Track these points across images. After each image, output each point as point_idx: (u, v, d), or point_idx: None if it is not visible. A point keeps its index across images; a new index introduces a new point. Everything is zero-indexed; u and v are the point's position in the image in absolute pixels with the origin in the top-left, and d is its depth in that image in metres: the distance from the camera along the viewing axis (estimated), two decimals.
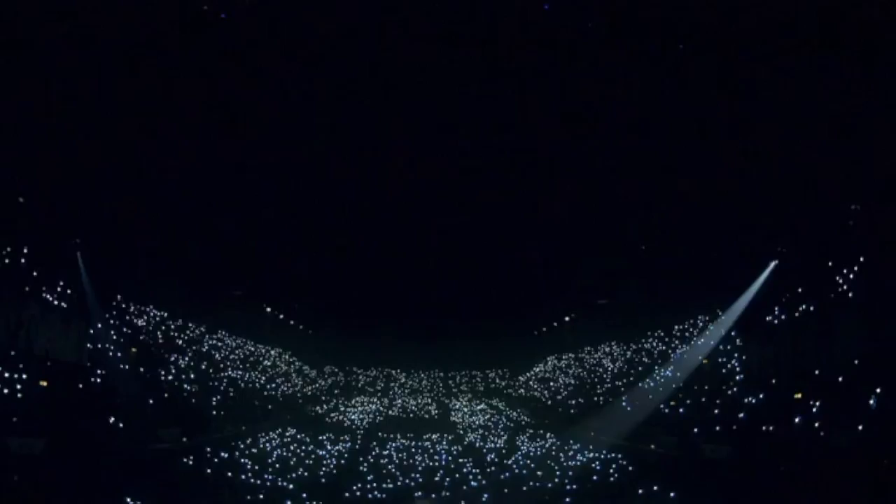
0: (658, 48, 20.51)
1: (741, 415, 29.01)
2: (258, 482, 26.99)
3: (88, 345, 33.42)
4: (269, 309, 61.95)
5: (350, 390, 77.23)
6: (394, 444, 42.73)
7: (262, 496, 24.61)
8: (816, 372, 26.06)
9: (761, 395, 29.36)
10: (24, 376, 25.44)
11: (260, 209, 38.32)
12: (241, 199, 36.02)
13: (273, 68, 23.22)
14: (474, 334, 72.08)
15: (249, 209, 37.87)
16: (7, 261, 28.51)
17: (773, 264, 33.11)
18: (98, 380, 31.87)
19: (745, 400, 30.07)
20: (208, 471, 27.25)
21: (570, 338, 65.34)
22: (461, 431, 52.04)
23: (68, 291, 32.38)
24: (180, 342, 47.45)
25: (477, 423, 57.86)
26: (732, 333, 36.11)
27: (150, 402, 33.73)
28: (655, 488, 24.21)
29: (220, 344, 55.61)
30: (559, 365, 69.15)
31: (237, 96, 25.30)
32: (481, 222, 44.00)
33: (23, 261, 29.39)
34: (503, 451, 39.66)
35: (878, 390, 20.34)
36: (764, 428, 25.73)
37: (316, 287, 57.28)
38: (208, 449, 31.02)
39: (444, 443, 44.70)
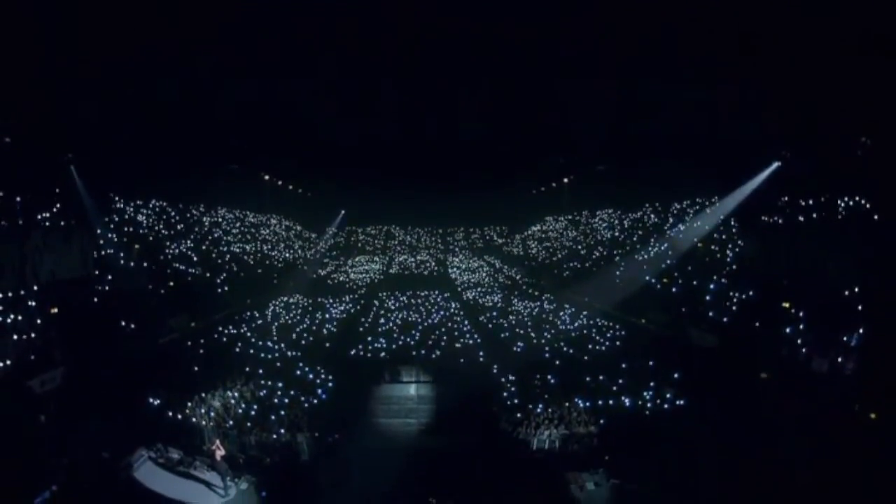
0: None
1: (732, 307, 29.82)
2: (265, 354, 28.53)
3: (94, 253, 33.45)
4: (266, 176, 61.13)
5: (350, 250, 78.44)
6: (394, 304, 44.45)
7: (269, 367, 26.23)
8: (813, 289, 26.27)
9: (751, 293, 29.91)
10: (33, 304, 25.78)
11: (247, 72, 36.37)
12: (226, 65, 34.03)
13: None
14: (473, 191, 71.92)
15: (236, 75, 35.92)
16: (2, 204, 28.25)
17: (775, 165, 32.52)
18: (106, 287, 32.21)
19: (736, 295, 30.67)
20: (218, 351, 28.80)
21: (568, 200, 65.25)
22: (459, 289, 53.60)
23: (66, 211, 32.04)
24: (181, 227, 47.44)
25: (474, 280, 59.18)
26: (731, 222, 36.05)
27: (159, 294, 34.57)
28: (650, 363, 25.82)
29: (220, 220, 55.60)
30: (556, 227, 69.65)
31: None
32: (482, 78, 42.22)
33: (18, 199, 28.90)
34: (499, 309, 41.51)
35: (861, 330, 20.73)
36: (750, 328, 26.57)
37: (312, 147, 56.07)
38: (217, 329, 32.32)
39: (443, 300, 46.42)
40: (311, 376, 25.35)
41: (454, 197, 73.43)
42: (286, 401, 22.28)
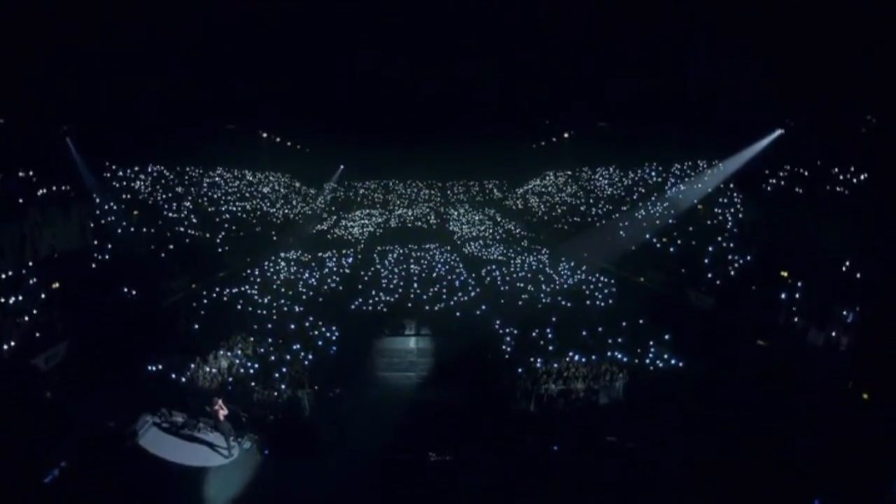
0: None
1: (731, 272, 29.80)
2: (266, 312, 28.66)
3: (92, 223, 33.33)
4: (265, 134, 60.16)
5: (350, 204, 78.13)
6: (393, 257, 44.54)
7: (270, 324, 26.39)
8: (807, 260, 26.26)
9: (749, 259, 29.84)
10: (34, 281, 25.54)
11: (240, 29, 35.49)
12: (218, 23, 33.12)
13: None
14: (473, 144, 71.03)
15: (230, 33, 35.00)
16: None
17: (777, 132, 32.14)
18: (106, 255, 32.12)
19: (734, 259, 30.64)
20: (219, 310, 28.85)
21: (568, 155, 64.57)
22: (459, 242, 53.78)
23: (64, 184, 31.85)
24: (179, 190, 47.10)
25: (474, 234, 59.22)
26: (731, 186, 35.81)
27: (159, 258, 34.49)
28: (648, 322, 25.97)
29: (218, 180, 55.09)
30: (556, 182, 69.23)
31: None
32: (482, 30, 41.44)
33: (16, 177, 28.69)
34: (499, 263, 41.68)
35: (858, 308, 20.71)
36: (747, 293, 26.54)
37: (310, 103, 55.17)
38: (218, 288, 32.34)
39: (443, 253, 46.56)
40: (311, 331, 25.48)
41: (453, 150, 72.45)
42: (287, 357, 22.44)
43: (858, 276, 22.82)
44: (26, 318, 22.69)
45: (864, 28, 20.51)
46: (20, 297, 23.60)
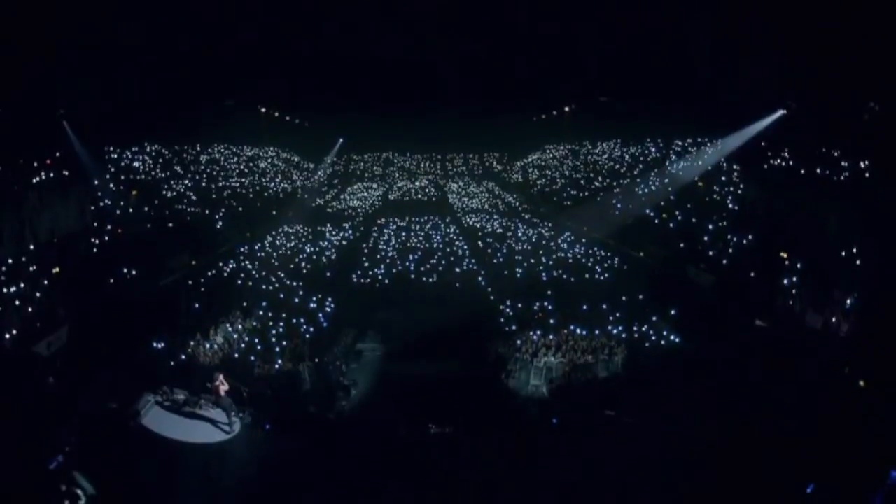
0: None
1: (729, 249, 29.75)
2: (266, 286, 28.67)
3: (91, 206, 33.22)
4: (263, 109, 59.56)
5: (349, 177, 77.76)
6: (393, 229, 44.61)
7: (270, 298, 26.38)
8: (807, 243, 26.21)
9: (750, 238, 29.69)
10: (34, 269, 25.53)
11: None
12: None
13: None
14: (473, 117, 70.54)
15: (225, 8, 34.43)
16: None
17: (780, 112, 31.83)
18: (105, 237, 32.05)
19: (734, 238, 30.55)
20: (219, 286, 28.87)
21: (569, 129, 64.11)
22: (458, 215, 53.71)
23: (62, 168, 31.62)
24: (177, 168, 46.79)
25: (473, 206, 59.18)
26: (732, 163, 35.52)
27: (158, 237, 34.36)
28: (649, 297, 26.02)
29: (217, 157, 54.92)
30: (557, 155, 68.81)
31: None
32: (483, 2, 40.90)
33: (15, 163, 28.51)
34: (498, 235, 41.81)
35: (856, 295, 20.61)
36: (746, 272, 26.51)
37: (308, 76, 54.54)
38: (218, 264, 32.32)
39: (443, 225, 46.64)
40: (312, 305, 25.51)
41: (453, 123, 72.04)
42: (282, 329, 22.51)
43: (858, 262, 22.77)
44: (29, 309, 22.66)
45: (868, 14, 20.21)
46: (21, 285, 23.57)
